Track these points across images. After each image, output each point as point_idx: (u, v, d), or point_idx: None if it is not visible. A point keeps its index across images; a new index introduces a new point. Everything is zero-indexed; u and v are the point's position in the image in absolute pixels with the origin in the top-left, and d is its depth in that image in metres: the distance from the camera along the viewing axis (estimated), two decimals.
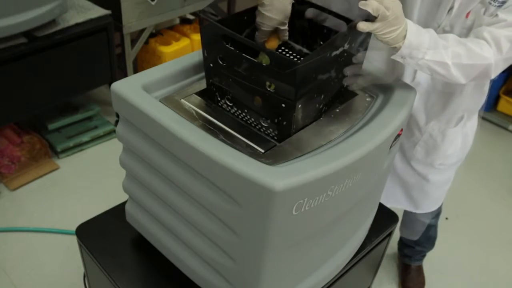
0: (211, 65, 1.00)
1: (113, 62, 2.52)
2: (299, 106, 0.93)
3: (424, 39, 1.07)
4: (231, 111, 1.04)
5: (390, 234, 1.47)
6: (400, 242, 2.07)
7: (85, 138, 2.57)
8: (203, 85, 1.09)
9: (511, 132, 3.04)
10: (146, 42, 2.91)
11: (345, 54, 1.01)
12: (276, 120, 0.95)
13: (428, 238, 1.94)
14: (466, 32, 1.24)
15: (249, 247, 0.93)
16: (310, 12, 1.14)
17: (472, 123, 1.54)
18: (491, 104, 3.05)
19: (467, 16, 1.22)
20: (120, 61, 2.73)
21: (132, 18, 2.57)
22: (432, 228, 1.90)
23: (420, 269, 2.08)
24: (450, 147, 1.54)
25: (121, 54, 2.71)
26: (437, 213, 1.83)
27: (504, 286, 2.14)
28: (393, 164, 1.65)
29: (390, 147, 1.07)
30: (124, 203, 1.28)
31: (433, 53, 1.08)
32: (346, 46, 0.99)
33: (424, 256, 2.06)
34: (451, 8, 1.22)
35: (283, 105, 0.92)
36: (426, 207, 1.73)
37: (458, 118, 1.48)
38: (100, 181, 2.39)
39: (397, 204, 1.75)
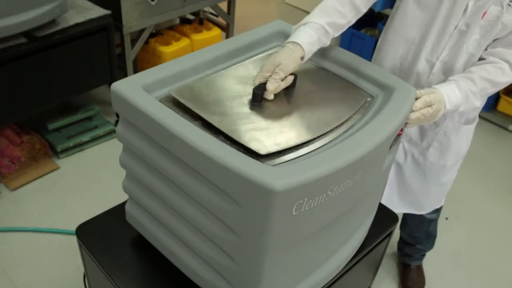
0: None
1: (113, 62, 2.52)
2: None
3: (458, 101, 1.24)
4: None
5: (390, 234, 1.47)
6: (401, 241, 2.07)
7: (85, 138, 2.57)
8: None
9: (511, 132, 3.03)
10: (146, 42, 2.91)
11: None
12: None
13: (428, 236, 1.94)
14: (482, 33, 1.28)
15: (249, 247, 0.93)
16: None
17: (475, 122, 1.59)
18: (491, 104, 3.05)
19: (482, 16, 1.25)
20: (120, 61, 2.73)
21: (132, 18, 2.57)
22: (432, 224, 1.90)
23: (420, 269, 2.09)
24: (462, 144, 1.57)
25: (121, 54, 2.71)
26: (438, 208, 1.83)
27: (504, 286, 2.14)
28: (398, 171, 1.67)
29: (390, 147, 1.07)
30: (124, 203, 1.28)
31: (465, 105, 1.27)
32: None
33: (423, 255, 2.06)
34: (466, 9, 1.26)
35: None
36: (430, 207, 1.75)
37: (472, 117, 1.52)
38: (100, 181, 2.39)
39: (401, 210, 1.76)
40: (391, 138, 1.03)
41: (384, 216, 1.45)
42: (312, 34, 1.13)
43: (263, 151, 0.92)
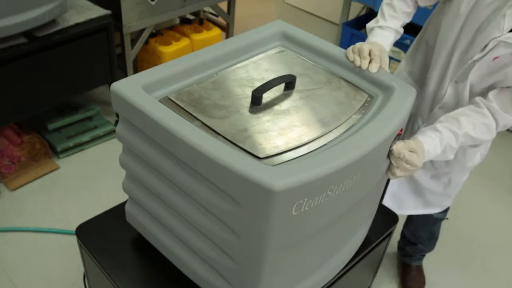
0: None
1: (113, 62, 2.52)
2: None
3: (434, 156, 1.24)
4: None
5: (390, 234, 1.47)
6: (402, 240, 2.07)
7: (85, 138, 2.57)
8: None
9: (511, 132, 3.03)
10: (146, 42, 2.91)
11: None
12: None
13: (431, 236, 1.94)
14: (488, 72, 1.30)
15: (249, 247, 0.93)
16: None
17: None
18: None
19: (494, 59, 1.27)
20: (120, 61, 2.73)
21: (132, 18, 2.57)
22: (437, 223, 1.90)
23: (420, 269, 2.09)
24: (471, 161, 1.57)
25: (121, 54, 2.71)
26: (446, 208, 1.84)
27: (504, 286, 2.14)
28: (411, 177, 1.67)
29: (390, 147, 1.07)
30: (124, 203, 1.28)
31: (439, 157, 1.27)
32: None
33: (423, 256, 2.06)
34: (486, 45, 1.27)
35: None
36: (439, 206, 1.76)
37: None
38: (100, 181, 2.39)
39: (410, 211, 1.76)
40: (391, 138, 1.03)
41: (384, 216, 1.45)
42: (389, 36, 1.36)
43: (262, 154, 0.92)
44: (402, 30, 1.41)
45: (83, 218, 1.34)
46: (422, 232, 1.94)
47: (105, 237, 1.30)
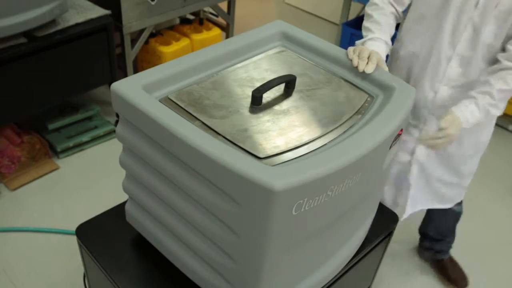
0: None
1: (113, 62, 2.52)
2: None
3: (476, 119, 1.34)
4: None
5: (390, 234, 1.47)
6: (427, 242, 2.07)
7: (85, 138, 2.57)
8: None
9: (511, 132, 3.03)
10: (146, 42, 2.91)
11: None
12: None
13: (453, 229, 1.98)
14: (498, 23, 1.32)
15: (249, 247, 0.93)
16: None
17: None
18: None
19: (495, 6, 1.30)
20: (120, 61, 2.73)
21: (132, 18, 2.57)
22: (457, 218, 1.94)
23: (452, 259, 2.10)
24: (482, 134, 1.60)
25: (121, 54, 2.71)
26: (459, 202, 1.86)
27: (504, 286, 2.14)
28: (421, 170, 1.67)
29: (390, 147, 1.07)
30: (124, 203, 1.28)
31: (487, 118, 1.38)
32: None
33: (451, 246, 2.08)
34: (478, 1, 1.31)
35: None
36: (453, 200, 1.78)
37: None
38: (100, 181, 2.39)
39: (429, 206, 1.77)
40: (391, 138, 1.03)
41: (384, 216, 1.45)
42: (381, 46, 1.36)
43: (262, 154, 0.92)
44: (390, 43, 1.42)
45: (83, 218, 1.34)
46: (444, 228, 1.98)
47: (105, 237, 1.30)
